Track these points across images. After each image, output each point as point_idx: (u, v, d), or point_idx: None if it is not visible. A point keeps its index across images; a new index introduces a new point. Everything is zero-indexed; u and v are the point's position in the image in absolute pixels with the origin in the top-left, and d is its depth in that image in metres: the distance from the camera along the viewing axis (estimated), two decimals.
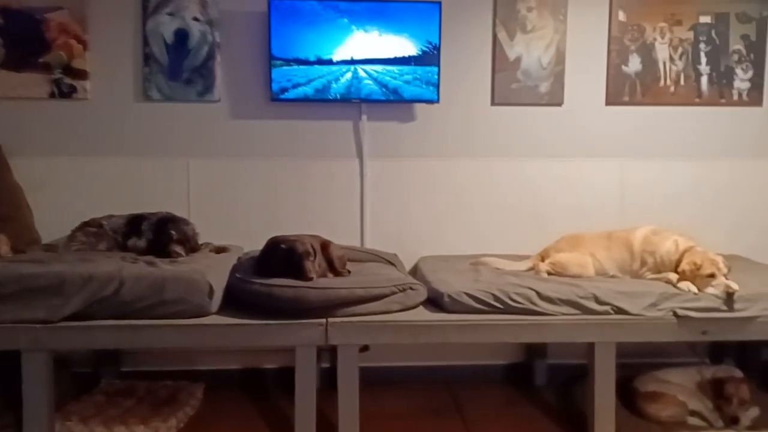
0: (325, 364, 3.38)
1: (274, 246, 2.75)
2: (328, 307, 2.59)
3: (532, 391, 3.43)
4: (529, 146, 3.53)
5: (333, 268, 2.89)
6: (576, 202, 3.55)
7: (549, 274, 3.06)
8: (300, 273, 2.63)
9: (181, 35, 3.34)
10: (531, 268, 3.17)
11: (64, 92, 3.31)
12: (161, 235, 2.95)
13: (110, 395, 3.14)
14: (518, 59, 3.45)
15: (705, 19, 3.47)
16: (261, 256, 2.81)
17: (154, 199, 3.33)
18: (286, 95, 3.30)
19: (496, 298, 2.69)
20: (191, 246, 3.00)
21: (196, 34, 3.34)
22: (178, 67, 3.35)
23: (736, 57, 3.49)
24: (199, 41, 3.34)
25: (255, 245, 3.03)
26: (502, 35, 3.44)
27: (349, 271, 2.94)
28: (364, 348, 3.25)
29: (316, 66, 3.28)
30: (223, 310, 2.64)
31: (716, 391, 2.84)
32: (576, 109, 3.52)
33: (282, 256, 2.69)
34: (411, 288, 2.74)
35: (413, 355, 3.54)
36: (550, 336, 2.71)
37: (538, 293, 2.70)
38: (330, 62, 3.29)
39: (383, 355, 3.50)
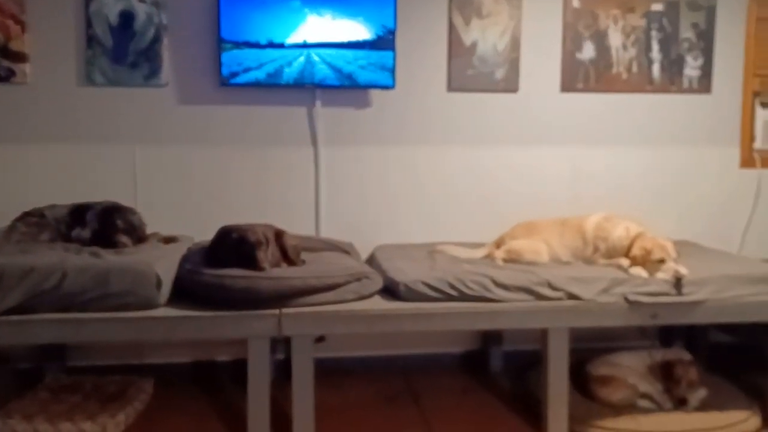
0: (280, 356, 3.32)
1: (225, 235, 2.67)
2: (281, 298, 2.53)
3: (488, 377, 3.45)
4: (485, 133, 3.53)
5: (287, 257, 2.83)
6: (531, 189, 3.57)
7: (504, 261, 3.06)
8: (252, 263, 2.57)
9: (126, 17, 3.21)
10: (487, 256, 3.17)
11: (2, 76, 3.15)
12: (106, 224, 2.85)
13: (55, 391, 3.02)
14: (474, 45, 3.43)
15: (657, 7, 3.51)
16: (211, 246, 2.73)
17: (99, 187, 3.22)
18: (237, 80, 3.20)
19: (452, 286, 2.67)
20: (138, 236, 2.90)
21: (142, 16, 3.21)
22: (123, 50, 3.22)
23: (686, 45, 3.55)
24: (145, 23, 3.21)
25: (206, 235, 2.94)
26: (457, 20, 3.41)
27: (304, 261, 2.88)
28: (320, 338, 3.21)
29: (268, 50, 3.19)
30: (172, 302, 2.56)
31: (665, 373, 2.89)
32: (531, 95, 3.52)
33: (233, 246, 2.61)
34: (366, 277, 2.71)
35: (370, 344, 3.52)
36: (505, 323, 2.72)
37: (493, 280, 2.70)
38: (282, 46, 3.20)
39: (339, 345, 3.47)
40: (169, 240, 3.03)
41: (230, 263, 2.59)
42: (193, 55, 3.28)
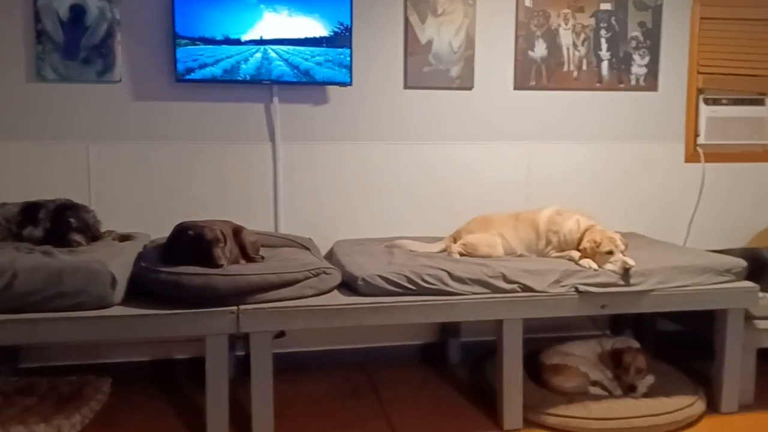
0: (240, 352, 3.32)
1: (182, 232, 2.66)
2: (239, 294, 2.53)
3: (446, 369, 3.52)
4: (442, 130, 3.58)
5: (245, 254, 2.84)
6: (487, 185, 3.63)
7: (461, 255, 3.12)
8: (209, 260, 2.56)
9: (77, 11, 3.15)
10: (444, 250, 3.23)
11: None
12: (59, 223, 2.80)
13: (8, 394, 2.95)
14: (429, 43, 3.48)
15: (605, 6, 3.61)
16: (168, 244, 2.71)
17: (51, 185, 3.15)
18: (192, 76, 3.18)
19: (409, 280, 2.72)
20: (92, 234, 2.87)
21: (94, 11, 3.15)
22: (75, 45, 3.15)
23: (633, 43, 3.66)
24: (97, 18, 3.16)
25: (163, 232, 2.91)
26: (413, 18, 3.45)
27: (263, 257, 2.89)
28: (280, 334, 3.22)
29: (224, 46, 3.18)
30: (128, 300, 2.54)
31: (615, 361, 3.00)
32: (486, 93, 3.58)
33: (190, 243, 2.60)
34: (325, 272, 2.73)
35: (330, 339, 3.55)
36: (461, 315, 2.77)
37: (449, 274, 2.75)
38: (238, 42, 3.19)
39: (299, 340, 3.48)
40: (124, 238, 2.99)
41: (187, 261, 2.58)
42: (147, 50, 3.24)
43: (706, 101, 3.79)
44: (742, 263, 2.96)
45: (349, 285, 2.77)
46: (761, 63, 3.81)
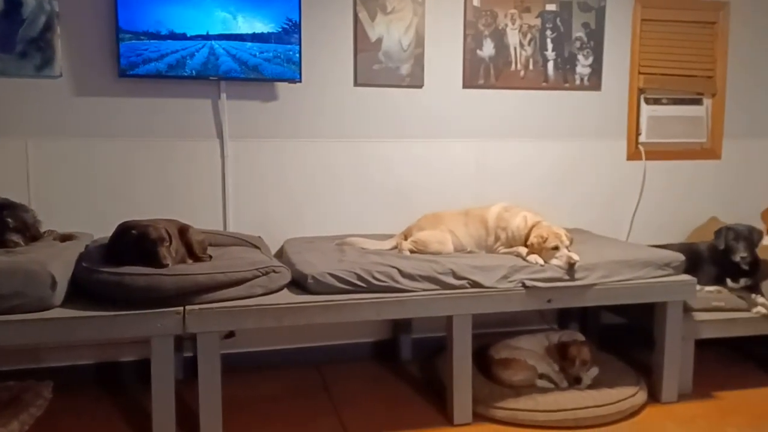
0: (189, 353, 3.26)
1: (125, 232, 2.59)
2: (185, 295, 2.49)
3: (398, 365, 3.54)
4: (392, 127, 3.59)
5: (192, 253, 2.79)
6: (437, 182, 3.67)
7: (411, 252, 3.14)
8: (154, 260, 2.51)
9: (13, 3, 3.03)
10: (394, 247, 3.24)
11: None
12: None
13: None
14: (379, 40, 3.48)
15: (551, 7, 3.68)
16: (110, 244, 2.64)
17: None
18: (137, 71, 3.09)
19: (360, 278, 2.72)
20: (31, 234, 2.77)
21: (31, 2, 3.04)
22: (11, 38, 3.03)
23: (578, 44, 3.75)
24: (35, 10, 3.04)
25: (106, 232, 2.83)
26: (363, 15, 3.45)
27: (210, 256, 2.85)
28: (230, 334, 3.19)
29: (169, 40, 3.11)
30: (69, 302, 2.46)
31: (561, 354, 3.07)
32: (436, 91, 3.61)
33: (133, 243, 2.54)
34: (274, 271, 2.71)
35: (281, 338, 3.52)
36: (411, 311, 2.78)
37: (399, 271, 2.77)
38: (184, 37, 3.13)
39: (250, 340, 3.45)
40: (66, 238, 2.90)
41: (131, 261, 2.52)
42: (89, 45, 3.14)
43: (647, 101, 3.91)
44: (681, 257, 3.07)
45: (299, 283, 2.76)
46: (699, 64, 3.96)
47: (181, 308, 2.47)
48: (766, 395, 3.15)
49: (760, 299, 3.18)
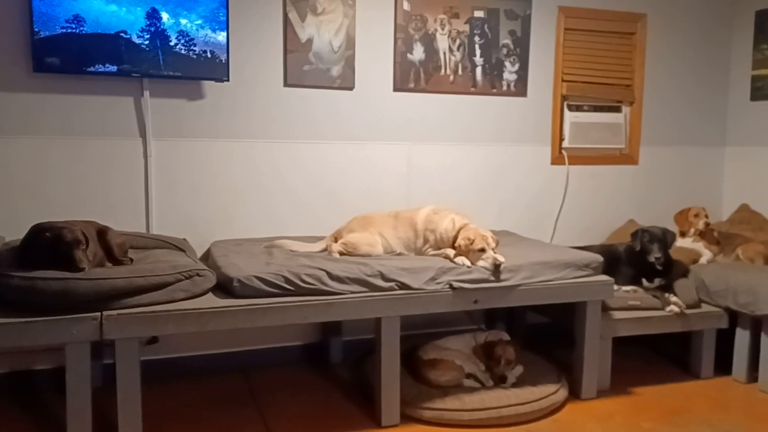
0: (110, 360, 3.13)
1: (38, 234, 2.47)
2: (102, 300, 2.39)
3: (328, 369, 3.52)
4: (323, 129, 3.57)
5: (112, 256, 2.69)
6: (368, 184, 3.68)
7: (341, 254, 3.13)
8: (69, 263, 2.40)
9: None
10: (324, 249, 3.22)
11: None
12: None
13: None
14: (310, 41, 3.46)
15: (479, 14, 3.76)
16: (22, 246, 2.51)
17: None
18: (53, 66, 2.95)
19: (287, 281, 2.69)
20: None
21: None
22: None
23: (505, 51, 3.84)
24: None
25: (18, 234, 2.71)
26: (293, 15, 3.42)
27: (131, 259, 2.75)
28: (153, 340, 3.09)
29: (89, 35, 2.98)
30: None
31: (487, 353, 3.13)
32: (366, 93, 3.62)
33: (47, 246, 2.42)
34: (198, 274, 2.64)
35: (207, 343, 3.44)
36: (339, 314, 2.77)
37: (328, 273, 2.75)
38: (105, 32, 3.00)
39: (175, 346, 3.35)
40: None
41: (44, 264, 2.40)
42: (1, 38, 2.97)
43: (570, 107, 4.05)
44: (600, 259, 3.19)
45: (224, 287, 2.70)
46: (618, 73, 4.14)
47: (98, 314, 2.38)
48: (679, 390, 3.32)
49: (673, 298, 3.34)
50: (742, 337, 3.37)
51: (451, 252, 3.07)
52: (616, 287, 3.22)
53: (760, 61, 4.21)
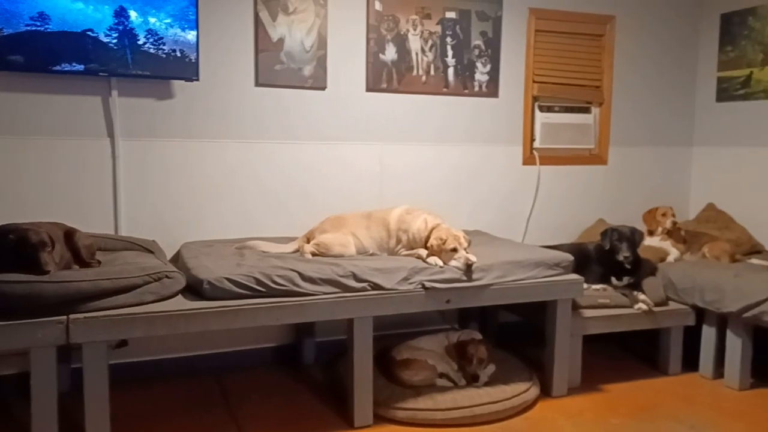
0: (78, 364, 3.07)
1: (2, 236, 2.41)
2: (69, 303, 2.35)
3: (301, 370, 3.51)
4: (295, 129, 3.55)
5: (79, 258, 2.64)
6: (341, 184, 3.67)
7: (314, 255, 3.12)
8: (34, 266, 2.35)
9: None
10: (297, 250, 3.21)
11: None
12: None
13: None
14: (281, 40, 3.44)
15: (450, 15, 3.78)
16: None
17: None
18: (15, 64, 2.88)
19: (259, 282, 2.67)
20: None
21: None
22: None
23: (476, 52, 3.86)
24: None
25: None
26: (263, 14, 3.39)
27: (99, 262, 2.71)
28: (122, 343, 3.04)
29: (55, 33, 2.92)
30: None
31: (459, 353, 3.14)
32: (339, 93, 3.61)
33: (11, 248, 2.37)
34: (167, 276, 2.60)
35: (178, 346, 3.40)
36: (311, 315, 2.76)
37: (300, 274, 2.74)
38: (71, 30, 2.94)
39: (144, 349, 3.31)
40: None
41: (8, 267, 2.35)
42: None
43: (541, 108, 4.09)
44: (570, 258, 3.23)
45: (194, 289, 2.66)
46: (587, 74, 4.19)
47: (65, 317, 2.33)
48: (648, 387, 3.37)
49: (641, 296, 3.40)
50: (708, 334, 3.44)
51: (423, 252, 3.08)
52: (585, 286, 3.26)
53: (725, 63, 4.30)
